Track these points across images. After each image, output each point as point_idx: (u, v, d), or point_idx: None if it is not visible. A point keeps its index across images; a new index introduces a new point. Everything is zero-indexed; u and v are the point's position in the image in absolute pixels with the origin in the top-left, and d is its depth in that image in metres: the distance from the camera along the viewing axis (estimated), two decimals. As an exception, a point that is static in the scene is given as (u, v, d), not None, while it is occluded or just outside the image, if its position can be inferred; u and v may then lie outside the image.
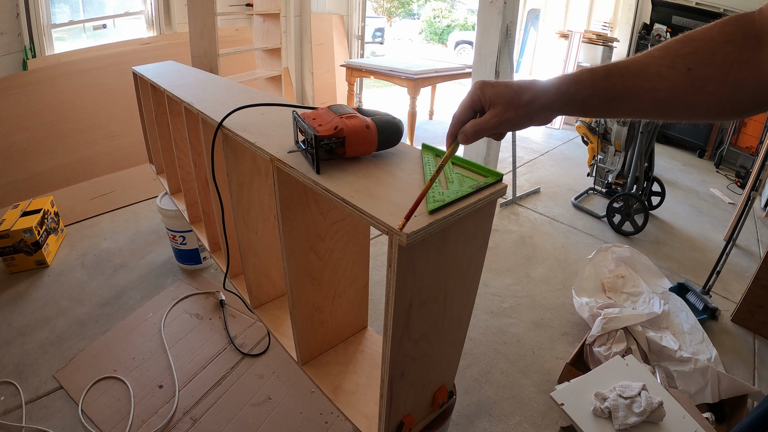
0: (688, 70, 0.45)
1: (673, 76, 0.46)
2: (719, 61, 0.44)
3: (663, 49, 0.47)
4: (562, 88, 0.50)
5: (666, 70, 0.46)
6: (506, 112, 0.52)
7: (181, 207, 1.66)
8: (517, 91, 0.52)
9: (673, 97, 0.46)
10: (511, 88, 0.52)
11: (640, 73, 0.47)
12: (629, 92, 0.48)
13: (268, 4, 2.99)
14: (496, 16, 2.38)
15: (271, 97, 1.42)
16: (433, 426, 0.84)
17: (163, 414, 1.32)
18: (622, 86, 0.48)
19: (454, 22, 13.13)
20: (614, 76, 0.48)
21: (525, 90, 0.52)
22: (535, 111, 0.52)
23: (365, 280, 0.99)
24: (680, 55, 0.46)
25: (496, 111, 0.53)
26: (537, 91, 0.51)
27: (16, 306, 1.76)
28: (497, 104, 0.52)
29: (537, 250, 2.37)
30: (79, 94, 2.67)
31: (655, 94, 0.47)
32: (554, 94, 0.51)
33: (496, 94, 0.53)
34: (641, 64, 0.48)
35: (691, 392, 1.41)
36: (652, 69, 0.47)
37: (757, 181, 2.14)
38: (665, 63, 0.46)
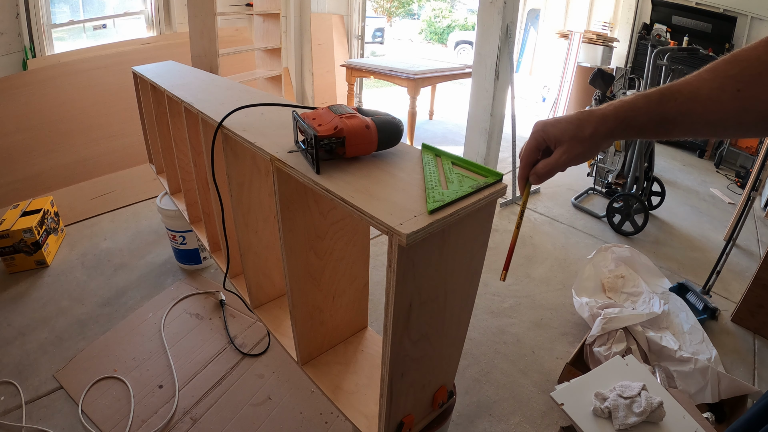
0: (737, 91, 0.46)
1: (724, 98, 0.46)
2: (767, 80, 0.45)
3: (712, 71, 0.48)
4: (620, 115, 0.52)
5: (717, 92, 0.47)
6: (574, 148, 0.55)
7: (181, 207, 1.66)
8: (579, 126, 0.54)
9: (725, 119, 0.47)
10: (572, 123, 0.54)
11: (692, 96, 0.48)
12: (683, 115, 0.49)
13: (268, 4, 2.99)
14: (496, 16, 2.38)
15: (271, 97, 1.42)
16: (433, 426, 0.84)
17: (163, 414, 1.32)
18: (676, 110, 0.49)
19: (454, 22, 13.13)
20: (668, 101, 0.49)
21: (586, 123, 0.54)
22: (598, 141, 0.54)
23: (365, 280, 0.99)
24: (729, 76, 0.46)
25: (563, 149, 0.55)
26: (597, 121, 0.53)
27: (16, 306, 1.76)
28: (563, 142, 0.55)
29: (537, 250, 2.37)
30: (79, 94, 2.67)
31: (708, 117, 0.48)
32: (613, 122, 0.52)
33: (560, 132, 0.55)
34: (692, 86, 0.48)
35: (691, 392, 1.41)
36: (704, 92, 0.47)
37: (757, 181, 2.14)
38: (715, 85, 0.47)
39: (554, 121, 0.56)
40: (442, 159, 0.74)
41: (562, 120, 0.56)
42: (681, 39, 4.38)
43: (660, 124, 0.50)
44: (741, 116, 0.46)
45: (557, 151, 0.56)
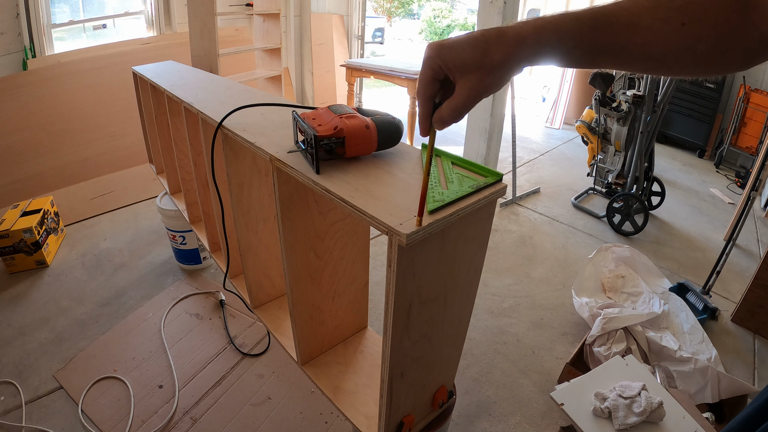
0: (681, 25, 0.41)
1: (666, 31, 0.42)
2: (712, 21, 0.41)
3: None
4: (543, 39, 0.43)
5: (659, 23, 0.42)
6: (481, 81, 0.44)
7: (181, 207, 1.66)
8: (486, 50, 0.44)
9: (665, 53, 0.43)
10: (477, 48, 0.44)
11: (631, 24, 0.42)
12: (618, 46, 0.43)
13: (268, 4, 2.99)
14: (496, 16, 2.38)
15: (271, 97, 1.42)
16: (433, 426, 0.84)
17: (163, 414, 1.32)
18: (610, 40, 0.43)
19: (454, 22, 13.13)
20: (602, 29, 0.43)
21: (495, 46, 0.43)
22: (512, 68, 0.44)
23: (365, 280, 0.99)
24: (673, 8, 0.42)
25: (469, 83, 0.45)
26: (511, 44, 0.43)
27: (16, 306, 1.76)
28: (467, 73, 0.45)
29: (537, 250, 2.37)
30: (79, 94, 2.67)
31: (647, 49, 0.43)
32: (533, 46, 0.43)
33: (462, 59, 0.44)
34: (630, 14, 0.42)
35: (691, 392, 1.41)
36: (644, 21, 0.42)
37: (757, 181, 2.14)
38: (658, 15, 0.42)
39: (452, 44, 0.45)
40: (442, 159, 0.74)
41: (463, 41, 0.45)
42: (681, 39, 4.37)
43: (589, 53, 0.44)
44: (681, 54, 0.43)
45: (460, 84, 0.45)
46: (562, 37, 0.43)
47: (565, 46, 0.44)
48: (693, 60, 0.43)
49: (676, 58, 0.43)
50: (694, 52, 0.42)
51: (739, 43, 0.42)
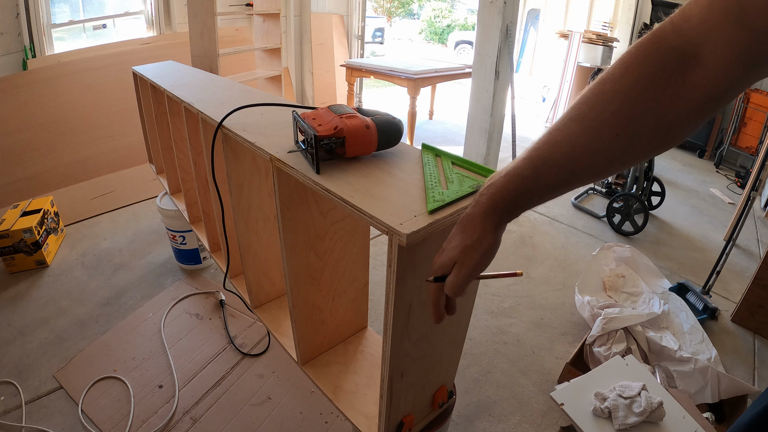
0: (616, 136, 0.42)
1: (603, 147, 0.43)
2: (645, 114, 0.41)
3: (579, 120, 0.43)
4: (499, 206, 0.48)
5: (594, 144, 0.43)
6: (469, 260, 0.50)
7: (181, 207, 1.66)
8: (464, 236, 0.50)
9: (611, 164, 0.44)
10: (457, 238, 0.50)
11: (569, 158, 0.44)
12: (566, 180, 0.45)
13: (268, 4, 2.99)
14: (496, 16, 2.38)
15: (271, 97, 1.42)
16: (433, 426, 0.84)
17: (163, 414, 1.32)
18: (557, 178, 0.45)
19: (454, 22, 13.13)
20: (546, 173, 0.45)
21: (470, 228, 0.49)
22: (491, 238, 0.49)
23: (365, 280, 0.99)
24: (602, 122, 0.42)
25: (459, 265, 0.50)
26: (481, 221, 0.49)
27: (16, 306, 1.76)
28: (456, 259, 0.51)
29: (537, 250, 2.37)
30: (79, 94, 2.67)
31: (593, 169, 0.45)
32: (496, 214, 0.48)
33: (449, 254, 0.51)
34: (564, 146, 0.44)
35: (691, 392, 1.41)
36: (579, 149, 0.43)
37: (757, 181, 2.14)
38: (590, 137, 0.43)
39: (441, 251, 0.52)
40: (442, 159, 0.74)
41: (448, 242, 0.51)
42: (681, 39, 4.37)
43: (544, 195, 0.47)
44: (625, 156, 0.43)
45: (454, 269, 0.51)
46: (513, 195, 0.47)
47: (521, 201, 0.48)
48: (640, 154, 0.43)
49: (622, 161, 0.44)
50: (637, 148, 0.43)
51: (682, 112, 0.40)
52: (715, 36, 0.37)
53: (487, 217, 0.49)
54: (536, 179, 0.46)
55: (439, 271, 0.52)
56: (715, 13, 0.36)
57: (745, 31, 0.35)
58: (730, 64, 0.37)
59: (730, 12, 0.35)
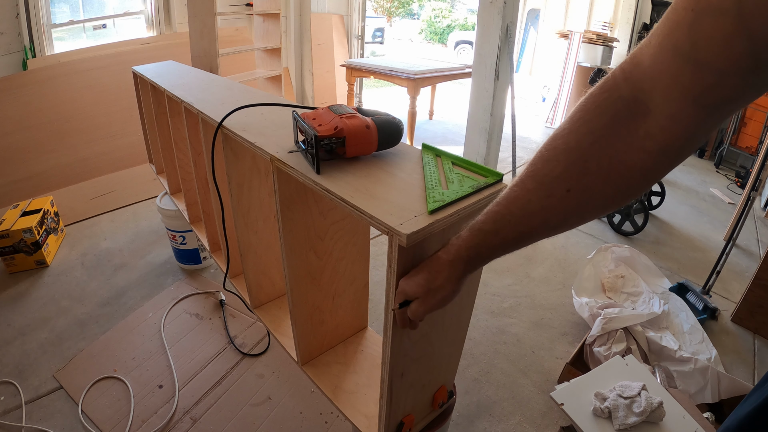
0: (567, 191, 0.42)
1: (555, 203, 0.43)
2: (595, 167, 0.40)
3: (533, 176, 0.44)
4: (463, 256, 0.51)
5: (547, 200, 0.44)
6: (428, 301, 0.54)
7: (181, 207, 1.66)
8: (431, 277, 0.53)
9: (566, 219, 0.45)
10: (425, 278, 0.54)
11: (525, 214, 0.45)
12: (523, 234, 0.47)
13: (268, 4, 2.99)
14: (496, 16, 2.38)
15: (271, 97, 1.42)
16: (433, 426, 0.84)
17: (163, 414, 1.32)
18: (515, 232, 0.47)
19: (454, 22, 13.13)
20: (503, 228, 0.47)
21: (437, 272, 0.53)
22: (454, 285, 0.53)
23: (365, 280, 0.99)
24: (553, 178, 0.43)
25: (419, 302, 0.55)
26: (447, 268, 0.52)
27: (16, 306, 1.76)
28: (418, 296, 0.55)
29: (537, 250, 2.37)
30: (79, 94, 2.67)
31: (548, 224, 0.45)
32: (462, 264, 0.51)
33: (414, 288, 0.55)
34: (521, 201, 0.45)
35: (691, 392, 1.41)
36: (533, 205, 0.45)
37: (757, 181, 2.14)
38: (543, 193, 0.44)
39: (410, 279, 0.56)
40: (443, 159, 0.74)
41: (416, 273, 0.55)
42: (681, 39, 4.37)
43: (506, 248, 0.49)
44: (580, 211, 0.44)
45: (415, 303, 0.55)
46: (477, 249, 0.50)
47: (484, 254, 0.50)
48: (594, 208, 0.43)
49: (578, 216, 0.44)
50: (590, 203, 0.43)
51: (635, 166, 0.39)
52: (667, 78, 0.35)
53: (452, 266, 0.52)
54: (495, 234, 0.48)
55: (400, 296, 0.57)
56: (665, 51, 0.34)
57: (698, 68, 0.32)
58: (684, 108, 0.34)
59: (680, 49, 0.33)
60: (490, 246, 0.49)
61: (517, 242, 0.48)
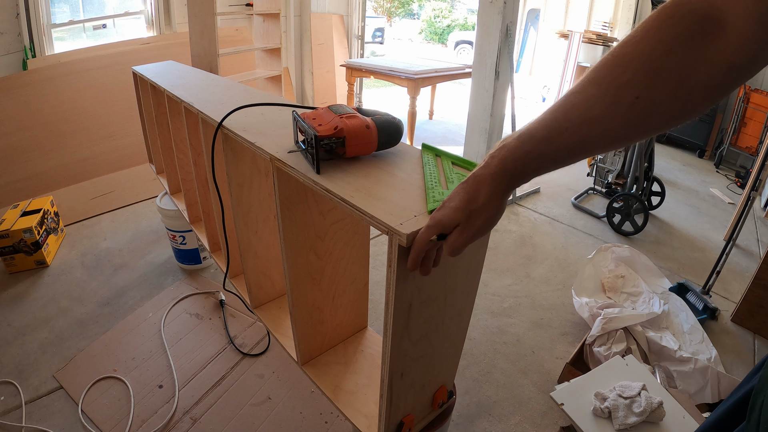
0: (636, 98, 0.40)
1: (621, 111, 0.41)
2: (665, 78, 0.39)
3: (598, 83, 0.42)
4: (509, 168, 0.46)
5: (612, 107, 0.41)
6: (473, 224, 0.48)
7: (181, 207, 1.66)
8: (470, 198, 0.48)
9: (627, 130, 0.42)
10: (463, 200, 0.49)
11: (585, 121, 0.42)
12: (581, 145, 0.44)
13: (268, 4, 2.99)
14: (496, 16, 2.38)
15: (271, 97, 1.42)
16: (433, 426, 0.84)
17: (163, 414, 1.32)
18: (571, 142, 0.44)
19: (454, 22, 13.13)
20: (559, 135, 0.44)
21: (476, 191, 0.48)
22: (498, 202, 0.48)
23: (365, 280, 0.99)
24: (621, 84, 0.41)
25: (461, 227, 0.49)
26: (489, 184, 0.47)
27: (16, 306, 1.76)
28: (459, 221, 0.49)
29: (537, 250, 2.37)
30: (79, 94, 2.67)
31: (609, 135, 0.43)
32: (505, 177, 0.47)
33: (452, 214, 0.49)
34: (581, 109, 0.43)
35: (691, 392, 1.41)
36: (596, 111, 0.42)
37: (757, 181, 2.14)
38: (609, 100, 0.41)
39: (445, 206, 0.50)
40: (442, 159, 0.74)
41: (452, 201, 0.50)
42: (681, 39, 4.37)
43: (557, 160, 0.45)
44: (644, 123, 0.41)
45: (456, 231, 0.49)
46: (525, 159, 0.46)
47: (532, 165, 0.46)
48: (658, 123, 0.42)
49: (641, 129, 0.42)
50: (656, 115, 0.41)
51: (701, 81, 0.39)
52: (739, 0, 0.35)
53: (495, 180, 0.47)
54: (550, 142, 0.44)
55: (437, 228, 0.50)
56: None
57: None
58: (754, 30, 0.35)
59: None
60: (541, 156, 0.45)
61: (570, 154, 0.44)
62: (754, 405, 0.46)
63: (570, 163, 0.46)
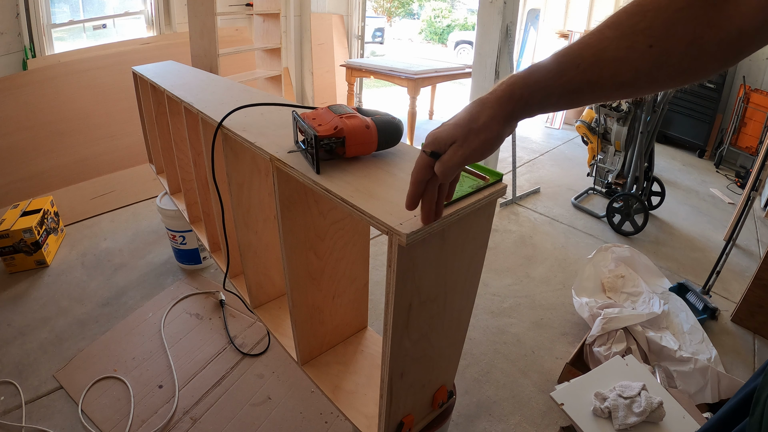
0: (649, 47, 0.41)
1: (634, 57, 0.42)
2: (681, 32, 0.40)
3: (615, 27, 0.43)
4: (516, 94, 0.46)
5: (625, 51, 0.42)
6: (470, 142, 0.47)
7: (181, 207, 1.66)
8: (472, 117, 0.47)
9: (637, 77, 0.43)
10: (464, 118, 0.48)
11: (597, 60, 0.43)
12: (589, 83, 0.44)
13: (268, 4, 2.99)
14: (496, 16, 2.38)
15: (271, 97, 1.42)
16: (433, 426, 0.84)
17: (163, 414, 1.32)
18: (581, 79, 0.44)
19: (454, 22, 13.13)
20: (569, 70, 0.44)
21: (479, 112, 0.47)
22: (499, 128, 0.47)
23: (365, 280, 0.99)
24: (637, 31, 0.41)
25: (458, 144, 0.48)
26: (492, 106, 0.47)
27: (16, 306, 1.76)
28: (457, 138, 0.48)
29: (537, 250, 2.37)
30: (79, 94, 2.67)
31: (618, 78, 0.43)
32: (510, 103, 0.46)
33: (451, 131, 0.48)
34: (595, 49, 0.43)
35: (691, 392, 1.41)
36: (610, 53, 0.43)
37: (757, 181, 2.14)
38: (623, 44, 0.42)
39: (443, 125, 0.49)
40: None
41: (450, 123, 0.49)
42: (681, 39, 4.37)
43: (563, 96, 0.45)
44: (654, 73, 0.42)
45: (452, 148, 0.48)
46: (533, 88, 0.46)
47: (538, 96, 0.46)
48: (667, 75, 0.42)
49: (650, 78, 0.43)
50: (666, 67, 0.42)
51: (712, 42, 0.40)
52: None
53: (499, 104, 0.47)
54: (559, 75, 0.45)
55: (432, 144, 0.49)
56: None
57: None
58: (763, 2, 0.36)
59: None
60: (548, 88, 0.45)
61: (577, 92, 0.45)
62: (758, 400, 0.47)
63: (573, 105, 0.47)
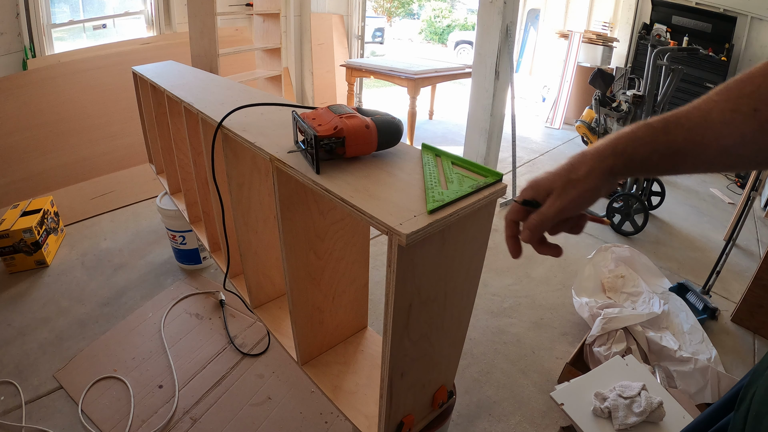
0: (754, 111, 0.41)
1: (739, 120, 0.41)
2: None
3: (723, 92, 0.43)
4: (618, 149, 0.47)
5: (730, 114, 0.42)
6: (567, 193, 0.48)
7: (181, 207, 1.66)
8: (572, 168, 0.49)
9: (742, 143, 0.42)
10: (564, 168, 0.49)
11: (702, 121, 0.43)
12: (692, 143, 0.44)
13: (268, 4, 2.99)
14: (496, 16, 2.38)
15: (271, 97, 1.42)
16: (433, 426, 0.84)
17: (163, 414, 1.32)
18: (684, 138, 0.44)
19: (454, 22, 13.13)
20: (674, 128, 0.44)
21: (580, 163, 0.48)
22: (598, 182, 0.48)
23: (365, 280, 0.99)
24: (743, 95, 0.41)
25: (555, 194, 0.49)
26: (592, 159, 0.48)
27: (16, 306, 1.76)
28: (555, 188, 0.49)
29: (537, 250, 2.37)
30: (79, 94, 2.67)
31: (721, 142, 0.43)
32: (612, 158, 0.47)
33: (551, 180, 0.50)
34: (701, 110, 0.44)
35: (691, 392, 1.41)
36: (715, 115, 0.43)
37: (757, 181, 2.14)
38: (728, 106, 0.42)
39: (545, 173, 0.51)
40: (442, 159, 0.74)
41: (554, 169, 0.50)
42: (681, 39, 4.38)
43: (666, 156, 0.45)
44: (758, 138, 0.41)
45: (550, 198, 0.49)
46: (636, 143, 0.46)
47: (641, 152, 0.46)
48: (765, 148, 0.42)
49: (754, 145, 0.42)
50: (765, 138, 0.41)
51: None
52: None
53: (600, 157, 0.47)
54: (664, 132, 0.45)
55: (531, 189, 0.51)
56: None
57: None
58: None
59: None
60: (652, 144, 0.45)
61: (680, 153, 0.44)
62: (744, 396, 0.47)
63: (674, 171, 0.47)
